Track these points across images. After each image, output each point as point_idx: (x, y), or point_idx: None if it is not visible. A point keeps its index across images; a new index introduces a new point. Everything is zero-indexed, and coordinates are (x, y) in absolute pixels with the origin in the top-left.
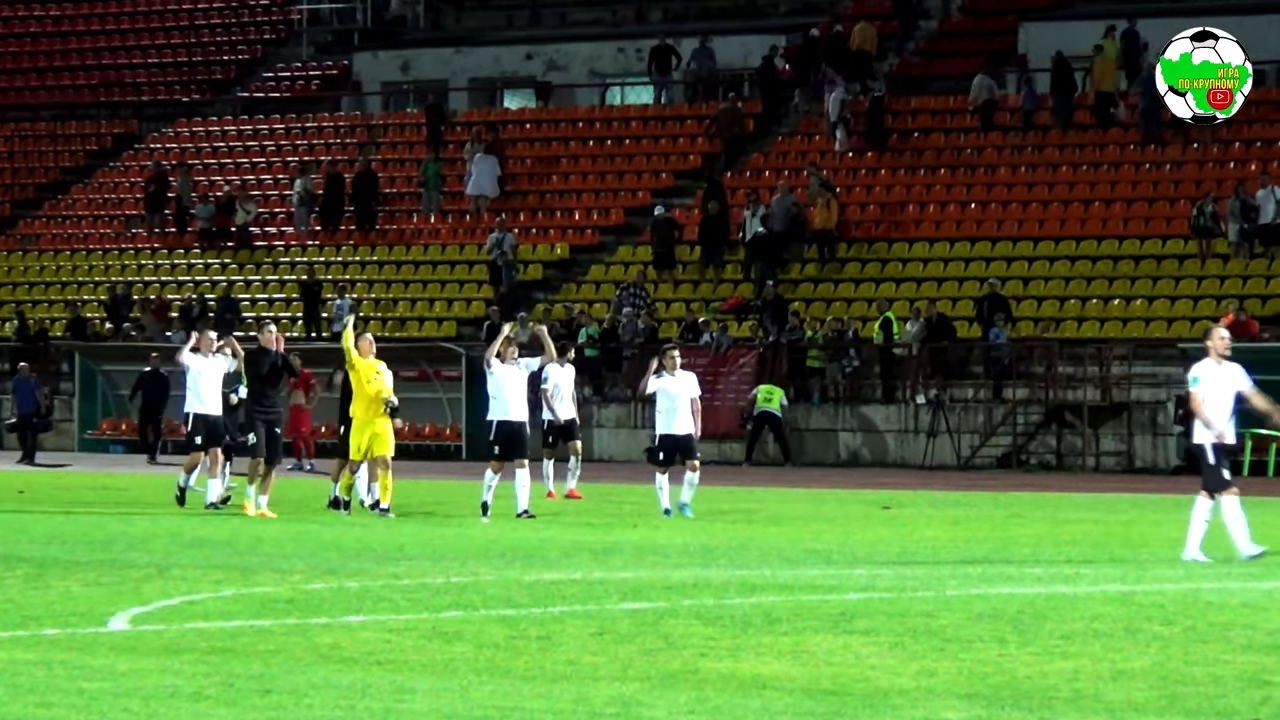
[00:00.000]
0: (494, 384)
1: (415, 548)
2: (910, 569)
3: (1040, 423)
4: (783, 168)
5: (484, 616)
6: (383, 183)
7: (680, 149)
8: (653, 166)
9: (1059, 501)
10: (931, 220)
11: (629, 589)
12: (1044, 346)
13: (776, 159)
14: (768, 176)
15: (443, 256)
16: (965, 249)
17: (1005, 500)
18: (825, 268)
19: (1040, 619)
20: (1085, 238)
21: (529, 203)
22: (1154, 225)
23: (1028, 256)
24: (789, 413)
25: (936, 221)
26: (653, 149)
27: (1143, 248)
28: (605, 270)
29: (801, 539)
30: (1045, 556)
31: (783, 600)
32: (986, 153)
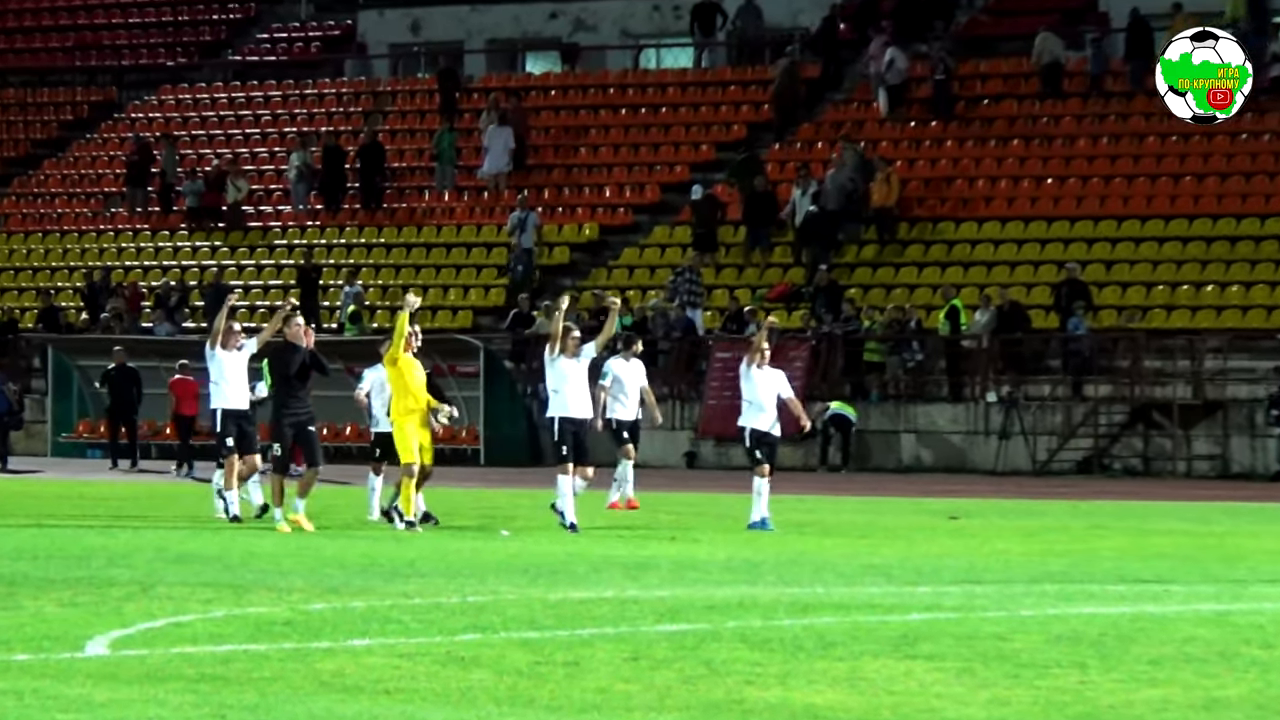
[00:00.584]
0: (556, 377)
1: (427, 563)
2: (980, 586)
3: (1125, 423)
4: (837, 139)
5: (504, 640)
6: (390, 156)
7: (723, 118)
8: (692, 138)
9: (1145, 511)
10: (1003, 197)
11: (666, 609)
12: (1129, 338)
13: (830, 129)
14: (820, 149)
15: (458, 239)
16: (1041, 229)
17: (1085, 509)
18: (884, 250)
19: (1125, 642)
20: (1175, 216)
21: (554, 179)
22: (1252, 202)
23: (1111, 237)
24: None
25: (1009, 198)
26: (692, 118)
27: (1239, 227)
28: (639, 254)
29: (859, 553)
30: (1130, 572)
31: (838, 621)
32: (1065, 121)
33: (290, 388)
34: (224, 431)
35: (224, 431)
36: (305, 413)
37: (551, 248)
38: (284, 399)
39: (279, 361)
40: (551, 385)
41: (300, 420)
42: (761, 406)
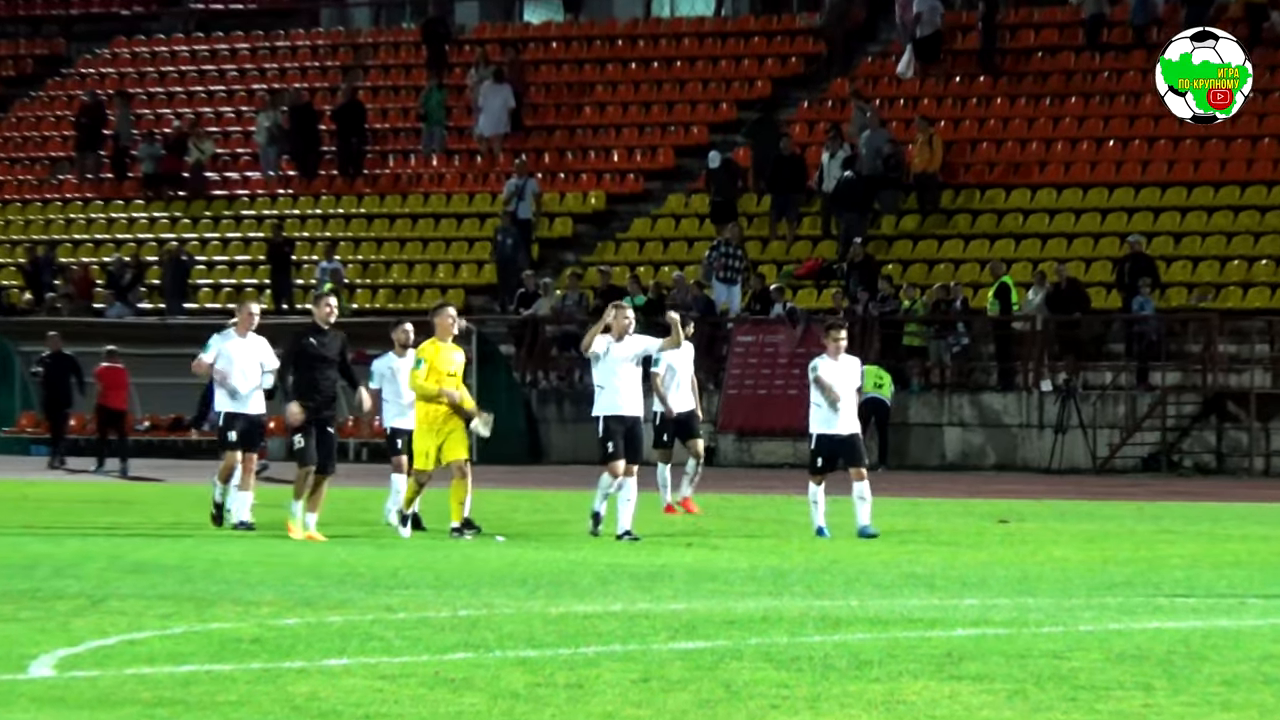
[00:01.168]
0: (603, 371)
1: (413, 573)
2: (1033, 598)
3: (1196, 415)
4: (874, 95)
5: (499, 659)
6: (371, 117)
7: (745, 73)
8: (710, 96)
9: (1219, 513)
10: (1059, 161)
11: (681, 624)
12: (1200, 319)
13: (865, 85)
14: (853, 107)
15: (447, 209)
16: (1101, 196)
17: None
18: (926, 221)
19: (1196, 660)
20: (1252, 182)
21: (555, 141)
22: None
23: (1180, 206)
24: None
25: (1065, 162)
26: (711, 73)
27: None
28: (651, 225)
29: (897, 560)
30: (1202, 582)
31: (874, 638)
32: (1126, 77)
33: (312, 377)
34: (227, 427)
35: (227, 427)
36: (327, 409)
37: (552, 219)
38: (304, 391)
39: (299, 347)
40: (598, 380)
41: (321, 418)
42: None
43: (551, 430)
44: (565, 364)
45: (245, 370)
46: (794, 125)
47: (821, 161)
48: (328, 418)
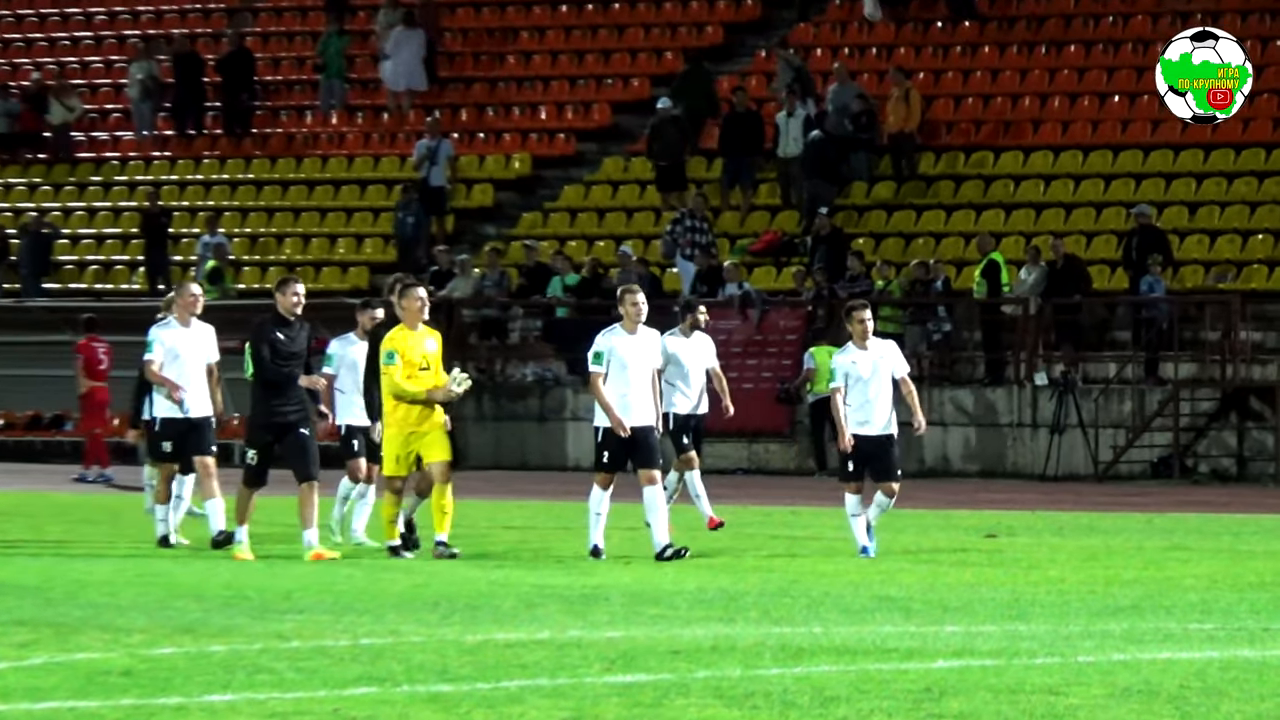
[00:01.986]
0: (610, 372)
1: (309, 595)
2: (1026, 625)
3: (1214, 413)
4: (842, 44)
5: (408, 694)
6: (261, 68)
7: (693, 17)
8: (653, 43)
9: (1240, 526)
10: (1056, 119)
11: (618, 654)
12: (1219, 303)
13: (832, 33)
14: (820, 57)
15: (349, 174)
16: (1104, 161)
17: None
18: (903, 189)
19: (1214, 696)
20: (1278, 145)
21: (473, 96)
22: None
23: (1195, 172)
24: None
25: (1063, 121)
26: (654, 17)
27: None
28: (584, 193)
29: (868, 581)
30: (1221, 606)
31: (841, 670)
32: (1134, 22)
33: (274, 374)
34: (162, 436)
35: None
36: (294, 409)
37: (470, 186)
38: (266, 391)
39: (262, 339)
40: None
41: (286, 421)
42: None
43: (469, 430)
44: (486, 353)
45: (189, 365)
46: (750, 78)
47: (778, 121)
48: (298, 420)
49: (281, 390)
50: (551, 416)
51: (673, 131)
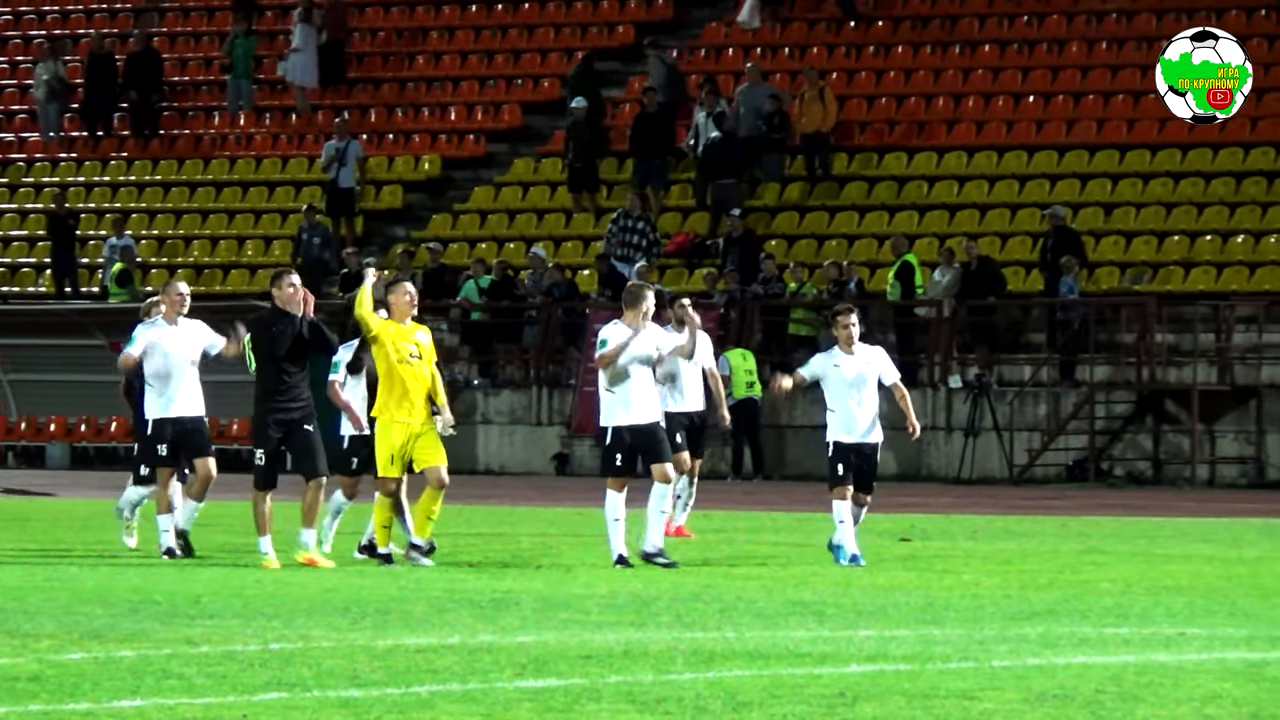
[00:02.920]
0: (614, 372)
1: (218, 600)
2: (940, 629)
3: (1130, 416)
4: (754, 44)
5: (318, 700)
6: (169, 68)
7: (604, 17)
8: (564, 43)
9: (1156, 530)
10: (970, 120)
11: (529, 659)
12: (1135, 305)
13: (744, 32)
14: (732, 56)
15: (256, 175)
16: (1019, 162)
17: (1078, 528)
18: (816, 190)
19: (1129, 701)
20: (1195, 145)
21: (382, 97)
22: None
23: (1111, 172)
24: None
25: (977, 122)
26: (565, 16)
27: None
28: (494, 195)
29: (781, 586)
30: (1136, 610)
31: (754, 675)
32: (1050, 21)
33: (277, 371)
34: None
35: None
36: (298, 406)
37: (379, 187)
38: (269, 389)
39: (263, 336)
40: (605, 383)
41: (291, 418)
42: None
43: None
44: None
45: (180, 364)
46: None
47: (696, 120)
48: (303, 416)
49: (284, 387)
50: (462, 420)
51: (586, 132)
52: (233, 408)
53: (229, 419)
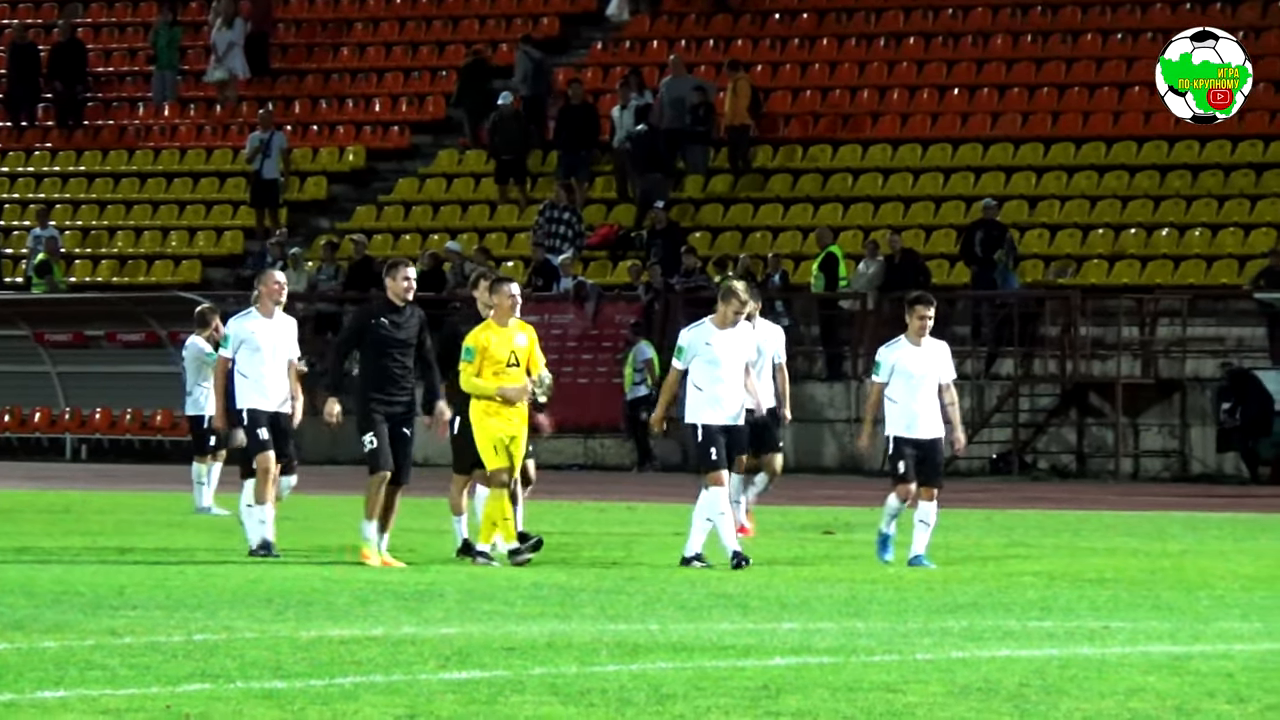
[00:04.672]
0: (701, 368)
1: (142, 591)
2: (864, 622)
3: (1054, 409)
4: (679, 35)
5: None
6: (93, 59)
7: (528, 9)
8: (489, 34)
9: (1080, 523)
10: (895, 112)
11: (453, 651)
12: (1059, 298)
13: (669, 24)
14: (656, 48)
15: (181, 166)
16: (944, 154)
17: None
18: (740, 182)
19: (1053, 694)
20: (1120, 138)
21: (306, 88)
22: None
23: (1036, 165)
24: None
25: (902, 114)
26: (489, 8)
27: (1203, 153)
28: (418, 186)
29: (705, 579)
30: (1060, 603)
31: (678, 668)
32: (975, 13)
33: (385, 364)
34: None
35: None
36: (402, 403)
37: (303, 178)
38: (375, 382)
39: (371, 327)
40: (694, 379)
41: (395, 414)
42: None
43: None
44: (319, 347)
45: (271, 360)
46: (586, 70)
47: (612, 113)
48: (403, 415)
49: (391, 379)
50: None
51: (513, 125)
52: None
53: (152, 410)
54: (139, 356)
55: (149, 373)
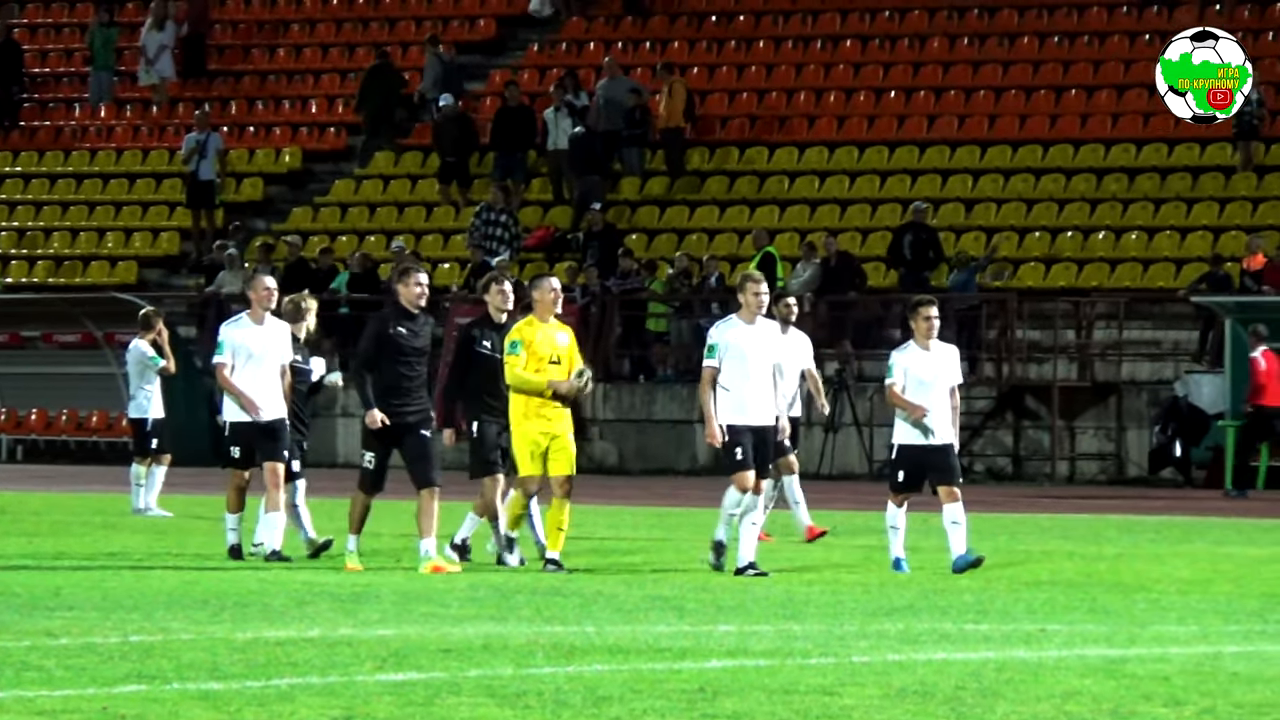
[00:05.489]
0: (731, 366)
1: (78, 592)
2: (800, 624)
3: (989, 412)
4: (616, 37)
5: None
6: (29, 59)
7: (465, 10)
8: (424, 36)
9: (1016, 526)
10: (831, 114)
11: (389, 652)
12: (995, 301)
13: (605, 26)
14: (593, 50)
15: (117, 167)
16: (880, 157)
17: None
18: (676, 185)
19: (989, 697)
20: (1056, 141)
21: (243, 89)
22: (1156, 123)
23: (972, 168)
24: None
25: (839, 117)
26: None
27: (1140, 156)
28: (355, 188)
29: (642, 581)
30: (997, 606)
31: (614, 670)
32: (912, 16)
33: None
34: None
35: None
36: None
37: (240, 180)
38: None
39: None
40: (723, 379)
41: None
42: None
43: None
44: None
45: (261, 366)
46: (522, 72)
47: (547, 116)
48: (419, 421)
49: (403, 389)
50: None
51: (455, 128)
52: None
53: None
54: (75, 358)
55: (85, 374)
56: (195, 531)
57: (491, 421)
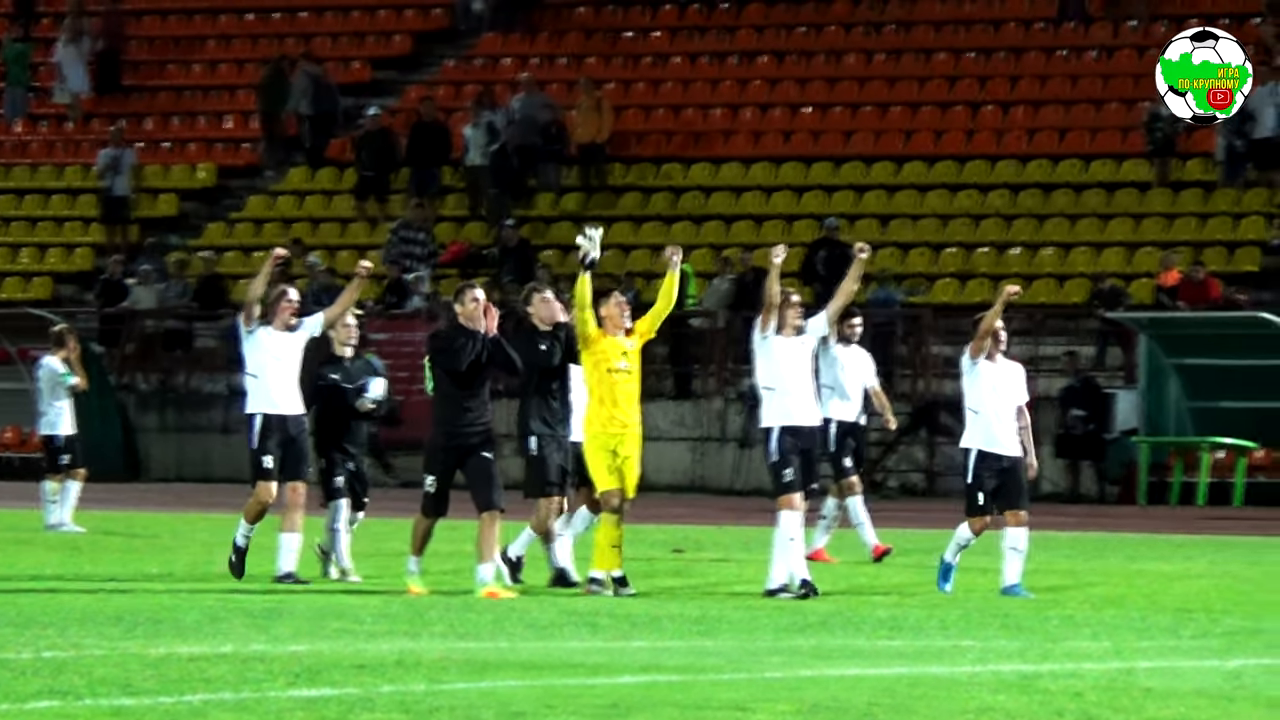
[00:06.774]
0: (768, 364)
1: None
2: (712, 641)
3: (904, 428)
4: (532, 54)
5: (90, 708)
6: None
7: (381, 26)
8: (340, 51)
9: (930, 542)
10: (747, 131)
11: (302, 668)
12: (909, 316)
13: (521, 42)
14: (509, 65)
15: (32, 183)
16: (797, 173)
17: (852, 540)
18: (592, 199)
19: (903, 713)
20: (972, 156)
21: (158, 104)
22: (1072, 139)
23: (887, 184)
24: None
25: (754, 133)
26: (341, 25)
27: (1056, 171)
28: (270, 203)
29: (555, 596)
30: (910, 622)
31: (527, 685)
32: (827, 33)
33: (458, 393)
34: (261, 447)
35: (261, 447)
36: (478, 432)
37: (154, 195)
38: (448, 409)
39: (444, 354)
40: (764, 379)
41: (471, 443)
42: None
43: (151, 441)
44: (167, 364)
45: (284, 372)
46: (438, 88)
47: (464, 131)
48: (481, 442)
49: (465, 410)
50: (236, 429)
51: (380, 141)
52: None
53: (0, 426)
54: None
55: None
56: (109, 548)
57: (551, 440)
